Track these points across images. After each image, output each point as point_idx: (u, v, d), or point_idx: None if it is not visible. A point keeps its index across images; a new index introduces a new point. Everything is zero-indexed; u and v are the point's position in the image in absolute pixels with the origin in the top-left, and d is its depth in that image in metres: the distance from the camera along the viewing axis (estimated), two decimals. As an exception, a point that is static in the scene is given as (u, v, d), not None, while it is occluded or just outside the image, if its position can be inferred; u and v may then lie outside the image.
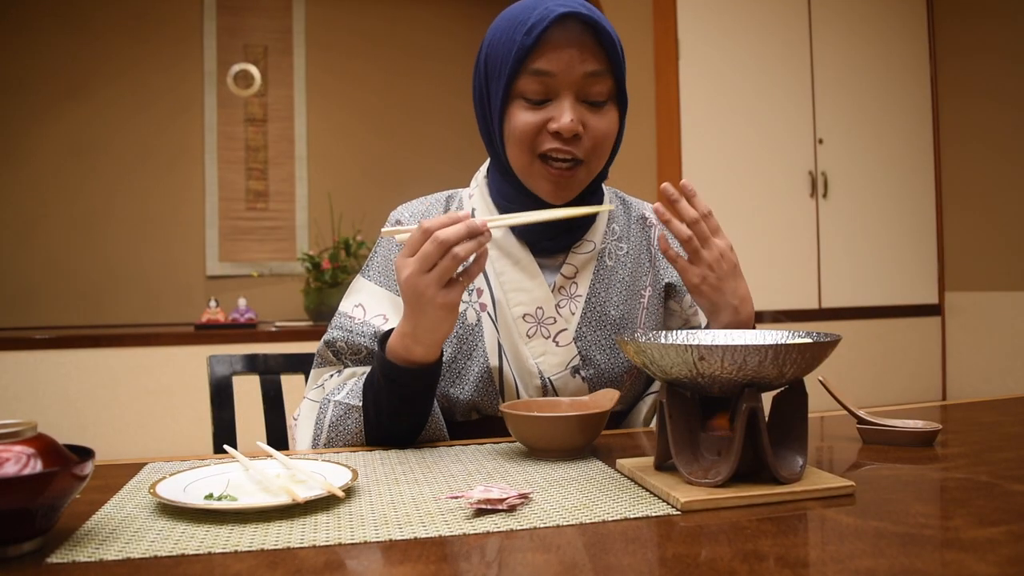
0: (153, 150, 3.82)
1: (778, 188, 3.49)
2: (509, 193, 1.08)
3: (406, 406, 0.95)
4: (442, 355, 0.96)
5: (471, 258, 0.87)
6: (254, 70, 3.94)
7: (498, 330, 1.05)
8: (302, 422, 1.04)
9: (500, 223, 0.93)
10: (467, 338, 1.06)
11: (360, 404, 0.98)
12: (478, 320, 1.06)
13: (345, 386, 1.02)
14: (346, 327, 1.06)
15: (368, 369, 1.04)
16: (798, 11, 3.52)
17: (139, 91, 3.80)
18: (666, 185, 1.01)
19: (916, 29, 3.68)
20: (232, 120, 3.93)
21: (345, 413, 0.99)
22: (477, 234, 0.85)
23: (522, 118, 0.99)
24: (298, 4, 4.02)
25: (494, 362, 1.04)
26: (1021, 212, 3.34)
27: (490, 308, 1.06)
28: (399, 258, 0.88)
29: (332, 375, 1.06)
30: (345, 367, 1.07)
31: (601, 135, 1.01)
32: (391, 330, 0.97)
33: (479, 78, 1.05)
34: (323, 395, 1.04)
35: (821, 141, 3.54)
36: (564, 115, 0.97)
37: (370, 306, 1.07)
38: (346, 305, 1.09)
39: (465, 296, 1.07)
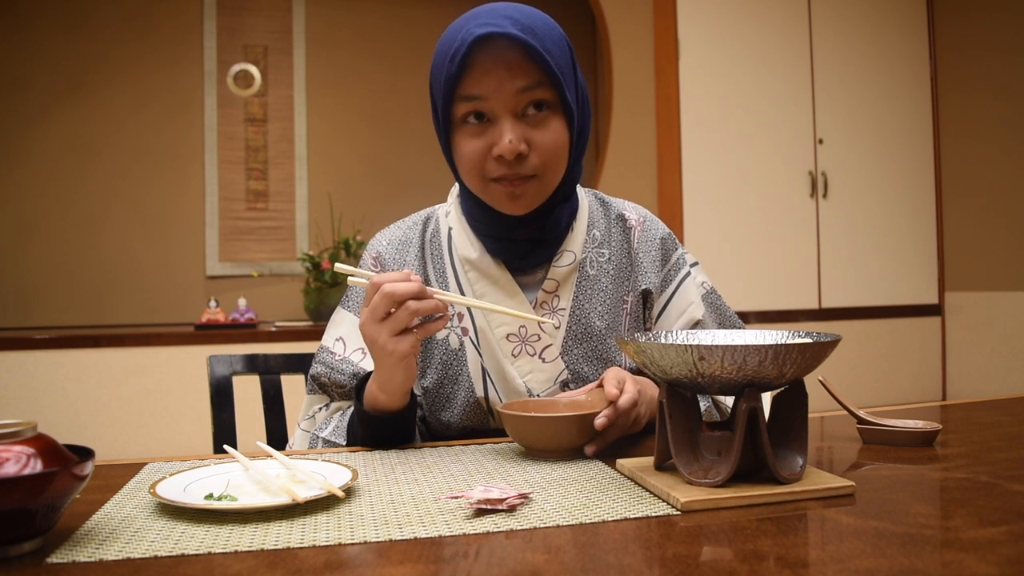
0: (153, 150, 3.82)
1: (778, 188, 3.49)
2: (475, 212, 1.07)
3: (390, 442, 0.98)
4: (413, 401, 0.98)
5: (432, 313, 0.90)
6: (254, 70, 3.94)
7: (481, 354, 1.05)
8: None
9: (455, 300, 0.95)
10: (452, 364, 1.06)
11: (344, 443, 1.01)
12: (461, 345, 1.06)
13: (331, 422, 1.05)
14: (328, 363, 1.07)
15: (351, 404, 1.07)
16: (798, 11, 3.52)
17: (139, 91, 3.80)
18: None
19: (916, 28, 3.69)
20: (232, 120, 3.93)
21: (332, 449, 1.02)
22: (425, 297, 0.88)
23: (467, 146, 0.98)
24: (298, 4, 4.02)
25: (479, 391, 1.05)
26: (1021, 212, 3.34)
27: (472, 333, 1.06)
28: (360, 309, 0.92)
29: (321, 408, 1.08)
30: (332, 398, 1.08)
31: (548, 148, 0.98)
32: (369, 374, 0.98)
33: (431, 101, 1.04)
34: (313, 428, 1.07)
35: (821, 141, 3.54)
36: (503, 138, 0.95)
37: (350, 339, 1.08)
38: (328, 339, 1.10)
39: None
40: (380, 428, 0.96)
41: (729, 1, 3.46)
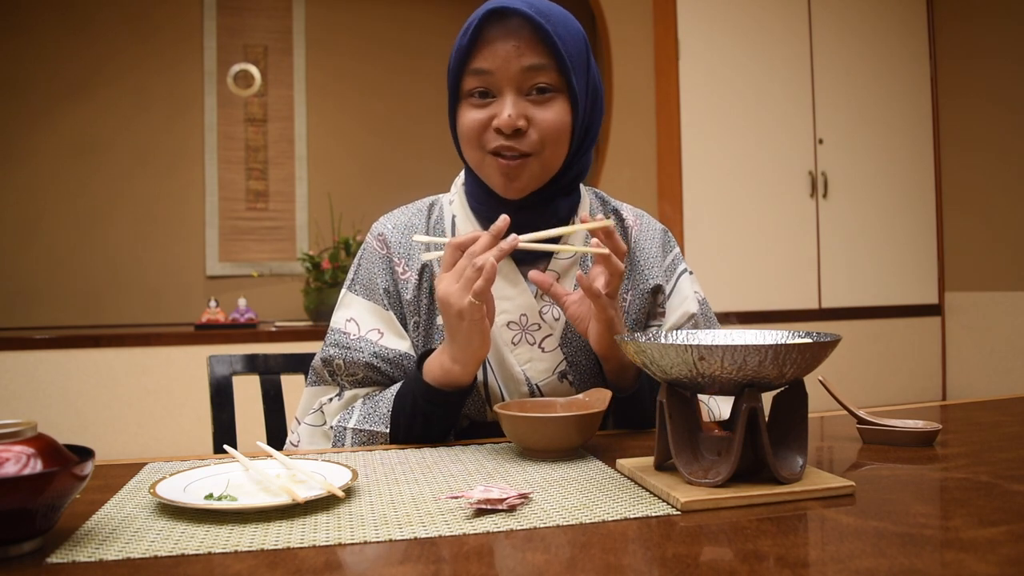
0: (153, 150, 3.82)
1: (778, 188, 3.49)
2: (477, 193, 1.08)
3: (439, 426, 0.98)
4: (476, 378, 0.98)
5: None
6: (254, 70, 3.94)
7: None
8: (305, 448, 1.05)
9: (524, 242, 0.94)
10: None
11: (386, 431, 0.99)
12: None
13: (354, 412, 1.02)
14: (342, 343, 1.05)
15: (371, 391, 1.05)
16: (798, 11, 3.52)
17: (139, 91, 3.80)
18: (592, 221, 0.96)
19: (916, 30, 3.69)
20: (232, 120, 3.93)
21: (369, 440, 0.99)
22: (497, 236, 0.89)
23: (468, 116, 1.01)
24: (298, 4, 4.02)
25: (479, 376, 1.04)
26: (1021, 213, 3.34)
27: None
28: (439, 277, 0.92)
29: (332, 399, 1.05)
30: (342, 388, 1.06)
31: (548, 127, 1.00)
32: (424, 355, 0.99)
33: (448, 81, 1.07)
34: (324, 420, 1.05)
35: (821, 141, 3.54)
36: (503, 111, 0.98)
37: (362, 320, 1.07)
38: (338, 320, 1.09)
39: None
40: (447, 405, 0.95)
41: (729, 2, 3.46)
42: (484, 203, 1.07)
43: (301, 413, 1.09)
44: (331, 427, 1.03)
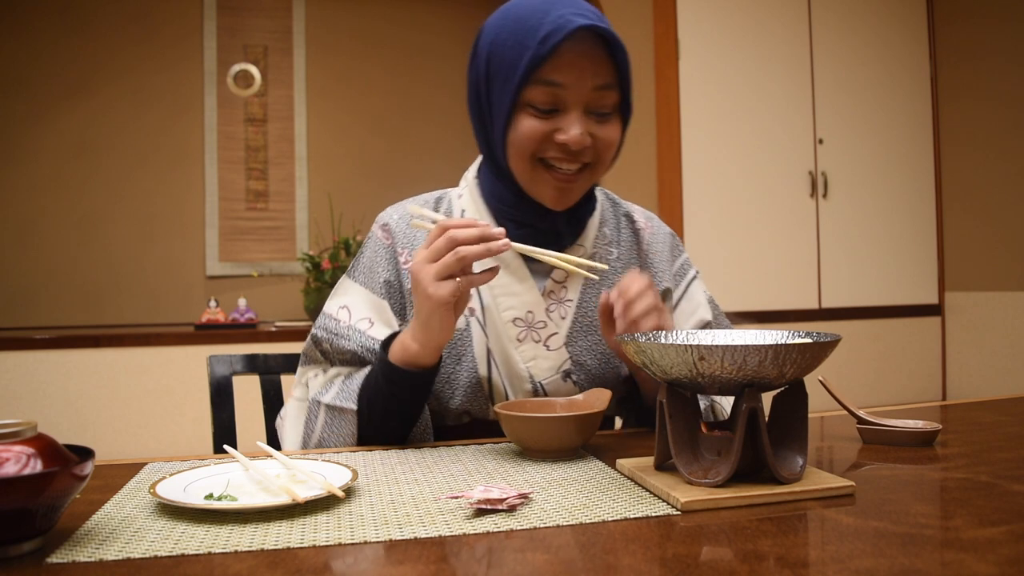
0: (153, 150, 3.82)
1: (778, 188, 3.49)
2: (506, 197, 1.07)
3: (400, 407, 0.97)
4: (440, 362, 0.97)
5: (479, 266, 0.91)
6: (254, 70, 3.94)
7: (487, 335, 1.05)
8: (289, 423, 1.05)
9: (518, 248, 0.94)
10: (456, 343, 1.05)
11: (354, 407, 0.99)
12: (467, 325, 1.06)
13: (332, 387, 1.02)
14: (331, 329, 1.06)
15: (354, 369, 1.05)
16: (798, 11, 3.52)
17: (139, 91, 3.80)
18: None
19: (916, 30, 3.68)
20: (232, 120, 3.93)
21: (338, 415, 1.00)
22: (489, 240, 0.87)
23: (529, 126, 0.98)
24: (298, 4, 4.01)
25: (483, 371, 1.04)
26: (1021, 213, 3.34)
27: (479, 313, 1.06)
28: (418, 250, 0.92)
29: (317, 374, 1.06)
30: (331, 364, 1.07)
31: (606, 144, 1.01)
32: (395, 333, 0.99)
33: (477, 78, 1.03)
34: (307, 395, 1.05)
35: (821, 141, 3.54)
36: (572, 128, 0.97)
37: (355, 308, 1.07)
38: (331, 306, 1.09)
39: None
40: (403, 384, 0.94)
41: (729, 2, 3.46)
42: (511, 205, 1.06)
43: (293, 387, 1.09)
44: (309, 400, 1.03)
